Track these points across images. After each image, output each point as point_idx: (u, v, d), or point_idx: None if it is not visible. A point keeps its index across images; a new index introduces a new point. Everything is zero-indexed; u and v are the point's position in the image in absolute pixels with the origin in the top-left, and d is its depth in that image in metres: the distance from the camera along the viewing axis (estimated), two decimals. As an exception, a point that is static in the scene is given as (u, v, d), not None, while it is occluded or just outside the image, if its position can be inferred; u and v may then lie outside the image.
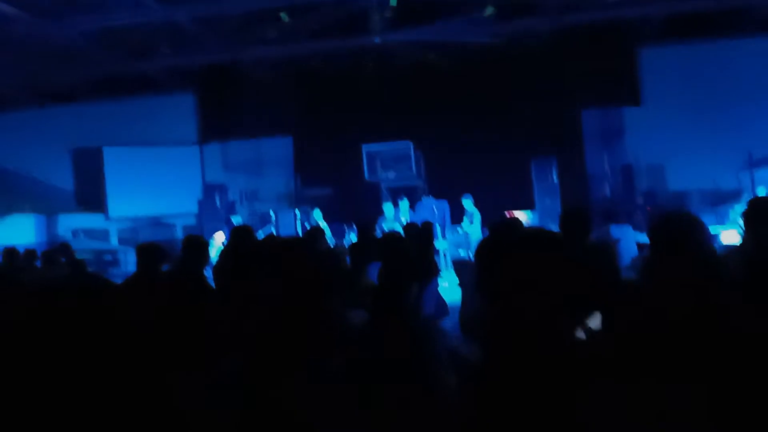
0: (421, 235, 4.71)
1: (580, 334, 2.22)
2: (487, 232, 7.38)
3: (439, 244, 8.52)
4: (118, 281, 4.39)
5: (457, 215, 9.62)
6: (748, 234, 2.51)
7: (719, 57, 10.08)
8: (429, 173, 10.68)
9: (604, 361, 1.83)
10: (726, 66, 10.05)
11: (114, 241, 11.53)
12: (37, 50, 9.36)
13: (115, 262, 10.00)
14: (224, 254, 3.97)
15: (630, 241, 6.91)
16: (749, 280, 2.14)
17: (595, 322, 2.22)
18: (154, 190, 11.61)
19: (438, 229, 8.63)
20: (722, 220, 8.42)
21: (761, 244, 2.36)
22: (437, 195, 10.15)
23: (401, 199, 9.55)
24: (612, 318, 1.82)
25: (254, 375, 2.24)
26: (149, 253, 3.60)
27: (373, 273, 4.13)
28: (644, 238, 7.94)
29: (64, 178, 12.57)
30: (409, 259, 3.90)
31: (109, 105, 11.88)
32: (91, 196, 11.99)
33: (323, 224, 9.24)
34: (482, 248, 2.18)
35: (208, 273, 3.77)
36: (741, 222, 2.77)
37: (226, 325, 2.78)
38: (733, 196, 9.31)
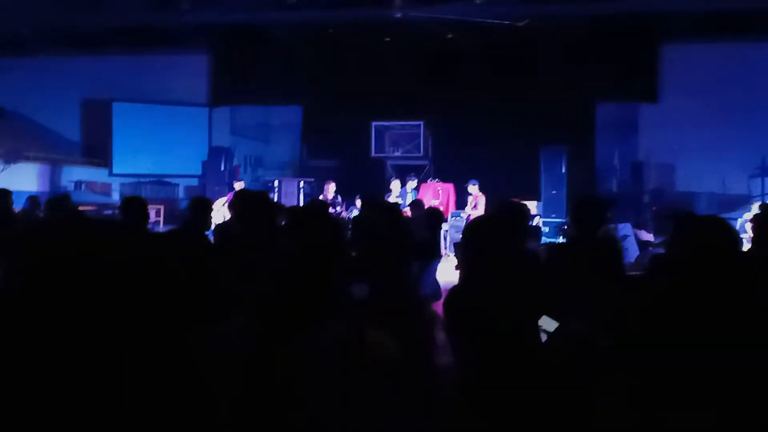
0: (430, 218, 4.69)
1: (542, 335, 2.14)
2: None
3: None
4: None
5: (461, 199, 9.56)
6: (757, 238, 2.47)
7: (741, 59, 9.89)
8: (436, 154, 10.59)
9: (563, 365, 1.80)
10: (747, 69, 9.86)
11: (116, 196, 11.52)
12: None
13: (114, 218, 9.98)
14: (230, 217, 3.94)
15: (632, 238, 6.86)
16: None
17: (549, 324, 2.13)
18: (160, 149, 11.56)
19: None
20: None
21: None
22: (443, 177, 10.08)
23: (411, 178, 9.50)
24: (622, 311, 1.78)
25: (257, 338, 2.23)
26: (134, 207, 3.47)
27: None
28: (647, 237, 7.88)
29: (71, 129, 12.50)
30: (411, 237, 3.86)
31: (123, 57, 11.74)
32: (97, 149, 11.95)
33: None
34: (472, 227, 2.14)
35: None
36: (748, 227, 2.73)
37: (231, 286, 2.77)
38: (741, 202, 9.22)
